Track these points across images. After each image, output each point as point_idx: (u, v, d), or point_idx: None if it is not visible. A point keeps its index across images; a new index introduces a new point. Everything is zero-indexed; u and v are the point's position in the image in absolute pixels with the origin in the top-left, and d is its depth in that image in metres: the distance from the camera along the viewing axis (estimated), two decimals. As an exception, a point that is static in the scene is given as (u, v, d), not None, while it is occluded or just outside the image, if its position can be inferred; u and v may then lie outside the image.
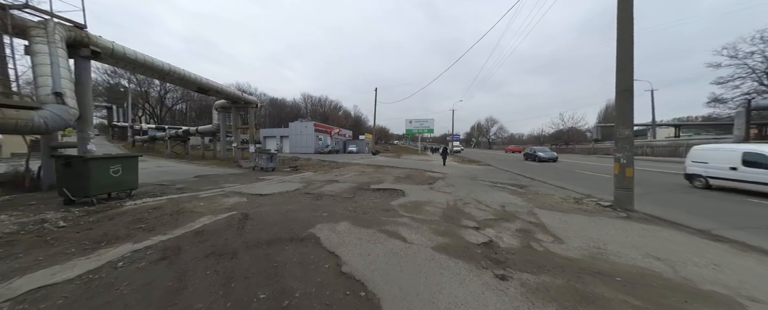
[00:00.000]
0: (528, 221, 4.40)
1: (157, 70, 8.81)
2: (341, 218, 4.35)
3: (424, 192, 7.09)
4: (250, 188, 7.38)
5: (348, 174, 11.17)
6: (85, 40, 6.52)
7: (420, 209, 5.06)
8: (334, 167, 14.36)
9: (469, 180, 9.97)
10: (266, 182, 8.90)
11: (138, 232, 3.71)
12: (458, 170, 13.82)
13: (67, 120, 5.58)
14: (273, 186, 7.86)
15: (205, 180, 9.08)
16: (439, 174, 11.81)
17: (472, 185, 8.55)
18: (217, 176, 10.42)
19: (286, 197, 6.27)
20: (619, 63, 5.33)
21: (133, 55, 7.84)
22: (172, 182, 8.36)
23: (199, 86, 10.78)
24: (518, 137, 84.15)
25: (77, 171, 4.96)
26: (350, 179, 9.68)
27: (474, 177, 11.03)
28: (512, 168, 15.91)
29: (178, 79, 9.75)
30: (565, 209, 5.26)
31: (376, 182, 9.02)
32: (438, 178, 10.43)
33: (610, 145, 35.14)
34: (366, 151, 36.92)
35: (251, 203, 5.43)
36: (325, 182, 8.67)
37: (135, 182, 5.88)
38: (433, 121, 42.84)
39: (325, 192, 6.87)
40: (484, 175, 12.09)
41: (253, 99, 14.42)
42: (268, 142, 39.47)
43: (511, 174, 12.80)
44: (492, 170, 14.71)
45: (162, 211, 4.77)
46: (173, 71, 9.34)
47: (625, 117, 5.25)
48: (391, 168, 14.33)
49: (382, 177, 10.30)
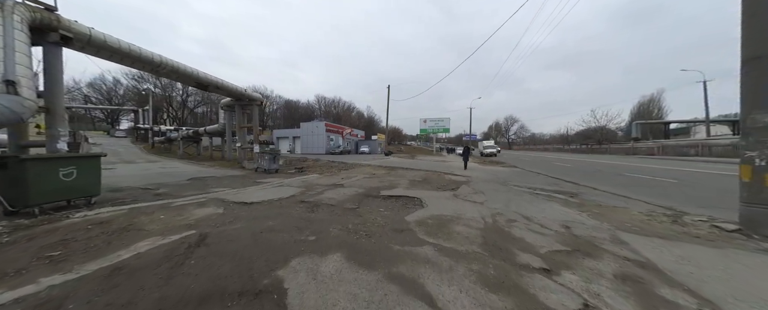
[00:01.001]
0: (622, 257, 2.80)
1: (147, 62, 8.00)
2: (334, 245, 2.99)
3: (448, 202, 5.58)
4: (238, 194, 6.24)
5: (356, 177, 9.85)
6: (54, 24, 5.69)
7: (447, 230, 3.58)
8: (343, 169, 13.13)
9: (500, 185, 8.28)
10: (262, 185, 7.78)
11: (41, 264, 2.56)
12: (483, 173, 12.08)
13: (19, 113, 4.68)
14: (266, 191, 6.69)
15: (195, 183, 8.13)
16: (462, 177, 10.18)
17: (507, 193, 6.90)
18: (213, 178, 9.49)
19: (274, 207, 5.02)
20: (747, 18, 3.56)
21: (115, 43, 7.03)
22: (157, 186, 7.45)
23: (197, 81, 9.98)
24: (540, 137, 79.28)
25: (13, 175, 3.98)
26: (358, 183, 8.35)
27: (504, 181, 9.30)
28: (545, 170, 13.86)
29: (171, 72, 8.94)
30: (664, 234, 3.56)
31: (387, 186, 7.62)
32: (461, 182, 8.83)
33: (653, 144, 31.33)
34: (378, 151, 35.65)
35: (224, 217, 4.22)
36: (328, 187, 7.39)
37: (95, 188, 4.88)
38: (448, 121, 40.87)
39: (323, 200, 5.56)
40: (516, 178, 10.30)
41: (257, 96, 13.57)
42: (281, 143, 39.35)
43: (546, 178, 10.89)
44: (521, 173, 12.81)
45: (106, 227, 3.66)
46: (165, 63, 8.52)
47: (761, 96, 3.47)
48: (405, 170, 12.87)
49: (394, 181, 8.88)
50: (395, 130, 79.02)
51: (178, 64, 9.03)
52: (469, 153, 16.06)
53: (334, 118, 58.67)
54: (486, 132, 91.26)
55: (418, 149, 57.82)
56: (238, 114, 13.77)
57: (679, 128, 41.48)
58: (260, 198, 5.77)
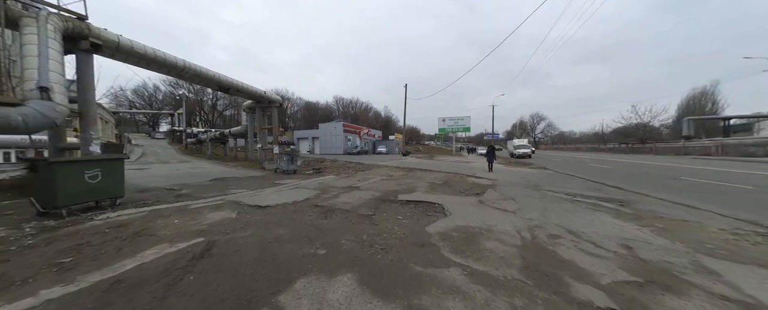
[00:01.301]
0: (718, 295, 2.13)
1: (171, 66, 8.30)
2: (345, 262, 2.63)
3: (474, 209, 5.02)
4: (254, 197, 6.16)
5: (373, 179, 9.52)
6: (85, 32, 5.99)
7: (477, 247, 3.08)
8: (359, 170, 12.89)
9: (532, 190, 7.48)
10: (279, 187, 7.71)
11: (49, 272, 2.49)
12: (509, 176, 11.17)
13: (52, 118, 4.91)
14: (282, 194, 6.56)
15: (217, 184, 8.27)
16: (486, 180, 9.43)
17: (542, 199, 6.15)
18: (234, 179, 9.67)
19: (287, 211, 4.81)
20: None
21: (142, 49, 7.32)
22: (181, 187, 7.66)
23: (219, 84, 10.26)
24: (570, 135, 73.74)
25: (43, 177, 4.12)
26: (374, 185, 8.00)
27: (536, 185, 8.44)
28: (580, 172, 12.54)
29: (195, 76, 9.24)
30: (766, 262, 2.76)
31: (405, 190, 7.18)
32: (486, 186, 8.14)
33: (709, 143, 27.55)
34: (396, 151, 35.22)
35: (236, 223, 4.06)
36: (344, 190, 7.12)
37: (119, 189, 5.00)
38: (469, 119, 39.34)
39: (338, 205, 5.27)
40: (548, 182, 9.34)
41: (276, 98, 13.77)
42: (302, 144, 40.36)
43: (584, 181, 9.77)
44: (553, 176, 11.69)
45: (122, 231, 3.64)
46: (189, 68, 8.80)
47: None
48: (424, 172, 12.31)
49: (413, 183, 8.41)
50: (413, 129, 77.97)
51: (200, 68, 9.32)
52: (494, 154, 13.96)
53: (352, 118, 59.20)
54: (509, 131, 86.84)
55: (437, 149, 56.46)
56: (259, 116, 14.10)
57: (739, 125, 36.21)
58: (275, 201, 5.62)
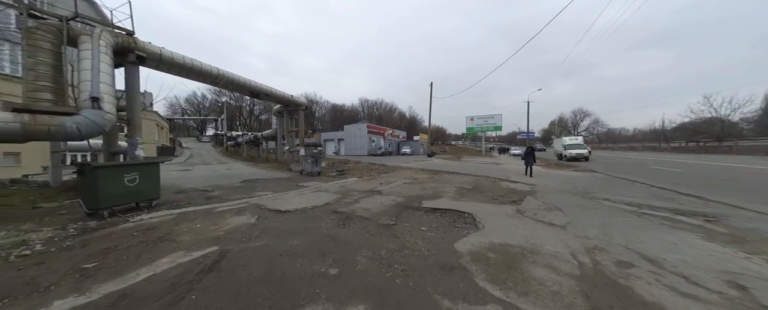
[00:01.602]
0: None
1: (207, 75, 8.83)
2: (359, 288, 2.26)
3: (512, 222, 4.33)
4: (275, 201, 6.15)
5: (396, 182, 9.11)
6: (132, 46, 6.53)
7: (520, 275, 2.49)
8: (382, 172, 12.56)
9: (582, 198, 6.42)
10: (301, 190, 7.69)
11: (71, 279, 2.52)
12: (550, 180, 9.91)
13: (101, 125, 5.37)
14: (303, 197, 6.48)
15: (245, 186, 8.56)
16: (524, 185, 8.42)
17: (596, 210, 5.17)
18: (262, 180, 9.99)
19: (306, 217, 4.63)
20: None
21: (181, 60, 7.86)
22: (214, 188, 8.05)
23: (250, 90, 10.75)
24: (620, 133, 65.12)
25: (88, 180, 4.46)
26: (397, 189, 7.57)
27: (585, 192, 7.28)
28: (640, 177, 10.69)
29: (228, 83, 9.76)
30: None
31: (430, 195, 6.64)
32: (525, 192, 7.21)
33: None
34: (421, 152, 34.35)
35: (253, 229, 3.95)
36: (365, 194, 6.82)
37: (155, 191, 5.28)
38: (500, 117, 36.87)
39: (357, 211, 4.96)
40: (600, 188, 8.04)
41: (303, 101, 14.11)
42: (328, 145, 41.55)
43: (647, 187, 8.23)
44: (605, 180, 10.11)
45: (149, 235, 3.73)
46: (222, 75, 9.30)
47: None
48: (451, 174, 11.55)
49: (438, 188, 7.81)
50: (439, 129, 75.83)
51: (232, 75, 9.82)
52: (534, 156, 11.49)
53: (377, 119, 59.50)
54: (546, 129, 79.81)
55: (465, 150, 54.00)
56: (287, 119, 14.60)
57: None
58: (295, 205, 5.51)
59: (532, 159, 11.29)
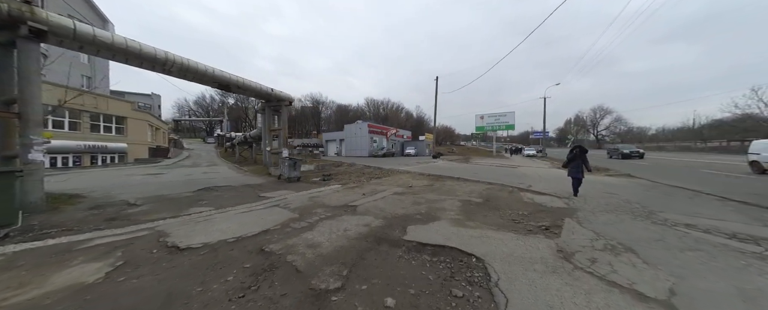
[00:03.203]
0: None
1: (150, 59, 7.19)
2: None
3: (556, 282, 2.30)
4: (198, 225, 4.35)
5: (383, 192, 7.15)
6: (26, 15, 4.90)
7: None
8: (375, 177, 10.63)
9: (649, 223, 4.28)
10: (256, 204, 5.87)
11: None
12: (583, 187, 7.67)
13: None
14: (245, 218, 4.64)
15: (191, 197, 6.82)
16: (553, 198, 6.26)
17: (694, 251, 3.05)
18: (224, 188, 8.27)
19: (204, 265, 2.78)
20: None
21: (107, 39, 6.24)
22: (149, 200, 6.34)
23: (213, 80, 9.10)
24: (643, 131, 60.23)
25: None
26: (379, 205, 5.62)
27: (644, 209, 5.12)
28: (699, 185, 8.24)
29: (183, 70, 8.11)
30: None
31: (422, 215, 4.66)
32: (558, 209, 5.10)
33: None
34: (426, 153, 32.18)
35: (91, 296, 2.12)
36: (332, 213, 4.91)
37: (8, 216, 3.56)
38: (512, 115, 34.22)
39: (297, 250, 3.07)
40: (657, 202, 5.83)
41: (286, 95, 12.39)
42: (330, 146, 40.01)
43: (721, 201, 5.95)
44: (652, 188, 7.79)
45: None
46: (173, 61, 7.66)
47: None
48: (456, 181, 9.47)
49: (437, 202, 5.79)
50: (446, 129, 73.20)
51: (189, 61, 8.18)
52: (587, 161, 6.54)
53: (382, 119, 57.63)
54: (562, 128, 75.50)
55: (474, 150, 51.22)
56: (268, 116, 12.95)
57: None
58: (213, 236, 3.68)
59: (579, 169, 6.31)
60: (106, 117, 20.18)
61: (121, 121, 21.32)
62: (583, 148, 6.54)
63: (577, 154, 6.50)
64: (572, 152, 6.58)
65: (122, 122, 21.40)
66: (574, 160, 6.51)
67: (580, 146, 6.59)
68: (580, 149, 6.53)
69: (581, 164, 6.44)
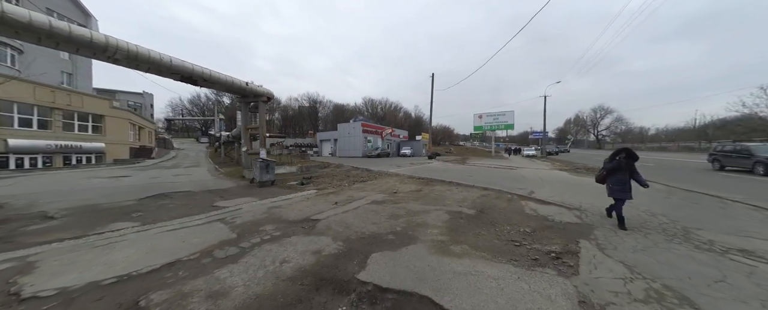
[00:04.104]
0: None
1: (84, 44, 6.08)
2: None
3: None
4: (98, 251, 3.27)
5: (361, 200, 6.06)
6: None
7: None
8: (359, 181, 9.56)
9: (691, 247, 3.23)
10: (195, 219, 4.78)
11: None
12: (594, 196, 6.62)
13: None
14: (155, 242, 3.57)
15: (131, 207, 5.73)
16: (560, 207, 5.18)
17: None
18: (179, 195, 7.17)
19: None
20: None
21: (25, 18, 5.12)
22: (72, 212, 5.23)
23: (172, 71, 7.98)
24: (642, 131, 59.28)
25: None
26: (348, 219, 4.54)
27: (677, 226, 4.09)
28: (711, 188, 7.19)
29: (131, 58, 7.00)
30: None
31: (395, 235, 3.59)
32: (569, 225, 4.04)
33: None
34: (423, 153, 31.12)
35: None
36: (280, 234, 3.84)
37: None
38: (512, 115, 33.23)
39: (187, 307, 2.00)
40: (684, 214, 4.75)
41: (263, 91, 11.29)
42: (324, 146, 38.89)
43: (756, 211, 4.91)
44: (670, 194, 6.73)
45: None
46: (115, 47, 6.55)
47: None
48: (447, 185, 8.40)
49: (419, 214, 4.71)
50: (445, 129, 72.13)
51: (139, 48, 7.07)
52: (635, 170, 4.21)
53: (379, 119, 56.55)
54: (562, 128, 74.52)
55: (472, 151, 50.20)
56: (244, 113, 11.85)
57: None
58: (85, 276, 2.60)
59: (626, 186, 4.14)
60: (82, 115, 19.01)
61: (98, 120, 20.15)
62: (631, 153, 4.16)
63: (622, 162, 4.12)
64: (615, 159, 4.25)
65: (99, 121, 20.22)
66: (618, 171, 4.15)
67: (627, 150, 4.21)
68: (627, 155, 4.14)
69: (628, 178, 4.12)
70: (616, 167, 4.20)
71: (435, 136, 37.74)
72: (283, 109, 67.10)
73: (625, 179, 4.14)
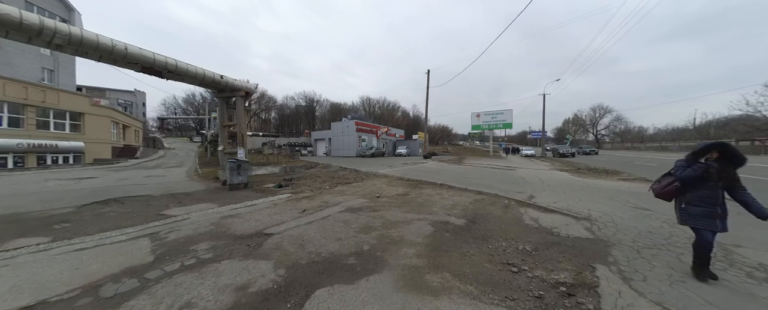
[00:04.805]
0: None
1: (12, 26, 5.20)
2: None
3: None
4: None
5: (335, 207, 5.23)
6: None
7: None
8: (343, 183, 8.73)
9: (747, 277, 2.41)
10: (126, 232, 3.93)
11: None
12: (600, 202, 5.81)
13: None
14: (35, 270, 2.72)
15: (47, 221, 4.87)
16: (566, 217, 4.37)
17: None
18: (135, 200, 6.31)
19: None
20: None
21: None
22: None
23: (128, 60, 7.09)
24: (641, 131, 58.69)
25: None
26: (309, 233, 3.70)
27: (724, 252, 3.24)
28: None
29: (75, 44, 6.12)
30: None
31: (360, 260, 2.75)
32: (579, 242, 3.19)
33: None
34: (419, 152, 30.33)
35: None
36: (211, 257, 3.00)
37: None
38: (510, 113, 32.45)
39: None
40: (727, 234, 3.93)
41: (241, 85, 10.42)
42: (319, 145, 37.99)
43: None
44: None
45: None
46: (56, 30, 5.67)
47: None
48: (438, 188, 7.58)
49: (398, 225, 3.88)
50: (443, 128, 71.38)
51: (84, 32, 6.20)
52: (738, 181, 2.37)
53: (377, 118, 55.67)
54: (560, 128, 73.92)
55: (470, 150, 49.45)
56: (221, 110, 11.00)
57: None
58: None
59: (720, 210, 2.40)
60: (58, 113, 18.04)
61: (76, 118, 19.18)
62: (731, 151, 2.40)
63: (712, 167, 2.40)
64: (698, 161, 2.51)
65: (78, 119, 19.24)
66: (703, 182, 2.44)
67: (722, 146, 2.44)
68: (721, 154, 2.44)
69: (721, 194, 2.42)
70: (705, 176, 2.40)
71: (433, 135, 36.93)
72: (280, 108, 66.08)
73: (716, 197, 2.38)
